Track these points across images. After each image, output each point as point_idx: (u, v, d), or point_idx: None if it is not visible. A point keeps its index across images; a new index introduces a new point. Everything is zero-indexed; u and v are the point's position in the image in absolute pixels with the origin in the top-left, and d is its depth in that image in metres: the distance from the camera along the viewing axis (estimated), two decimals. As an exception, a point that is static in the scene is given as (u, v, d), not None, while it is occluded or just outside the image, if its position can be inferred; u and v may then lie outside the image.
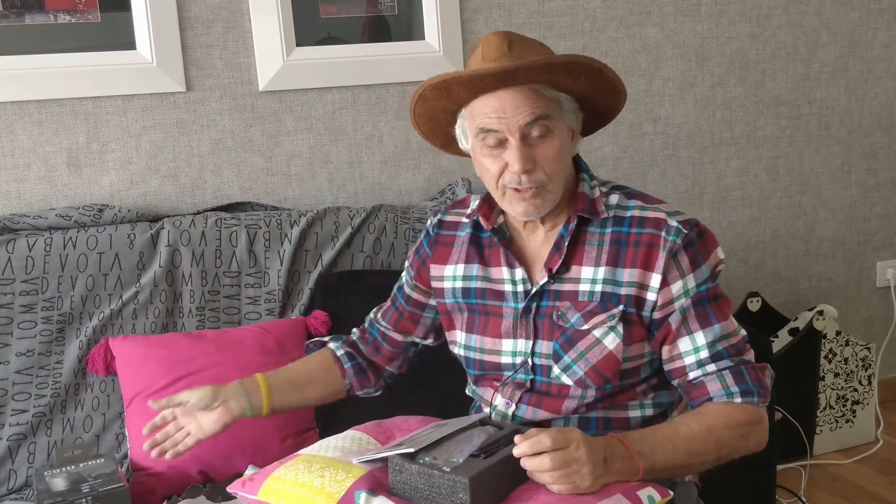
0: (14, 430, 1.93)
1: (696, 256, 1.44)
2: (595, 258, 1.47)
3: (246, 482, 1.41)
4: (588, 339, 1.45)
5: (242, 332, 2.02)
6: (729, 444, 1.41)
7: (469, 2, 2.45)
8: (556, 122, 1.41)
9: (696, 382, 1.44)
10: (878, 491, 2.63)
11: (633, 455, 1.32)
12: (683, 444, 1.37)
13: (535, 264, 1.52)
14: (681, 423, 1.40)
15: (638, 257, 1.44)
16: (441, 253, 1.63)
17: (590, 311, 1.45)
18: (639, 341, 1.46)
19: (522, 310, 1.50)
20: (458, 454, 1.30)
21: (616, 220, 1.48)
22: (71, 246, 1.99)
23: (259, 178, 2.33)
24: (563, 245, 1.47)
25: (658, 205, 1.49)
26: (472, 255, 1.58)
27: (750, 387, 1.42)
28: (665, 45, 2.68)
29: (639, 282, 1.44)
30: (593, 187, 1.51)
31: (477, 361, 1.57)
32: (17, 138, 2.12)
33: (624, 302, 1.44)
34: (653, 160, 2.73)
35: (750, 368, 1.44)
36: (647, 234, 1.45)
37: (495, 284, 1.54)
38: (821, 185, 2.97)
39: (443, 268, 1.62)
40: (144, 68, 2.17)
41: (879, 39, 2.95)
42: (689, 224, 1.45)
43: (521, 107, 1.38)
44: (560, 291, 1.48)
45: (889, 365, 3.16)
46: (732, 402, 1.41)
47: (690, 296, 1.44)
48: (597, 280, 1.46)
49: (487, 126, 1.40)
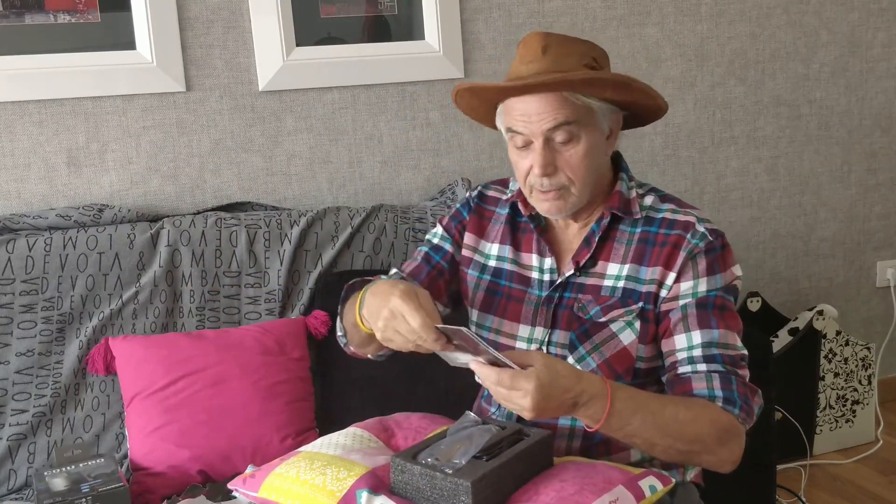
0: (14, 430, 1.93)
1: (713, 264, 1.46)
2: (622, 256, 1.49)
3: (247, 479, 1.41)
4: (604, 333, 1.47)
5: (242, 332, 2.01)
6: (703, 442, 1.37)
7: (469, 2, 2.45)
8: (582, 127, 1.43)
9: (684, 377, 1.43)
10: (878, 491, 2.63)
11: (605, 412, 1.29)
12: (662, 422, 1.34)
13: (565, 256, 1.55)
14: (670, 402, 1.38)
15: (662, 257, 1.47)
16: (479, 224, 1.64)
17: (610, 305, 1.48)
18: (654, 341, 1.48)
19: (545, 298, 1.52)
20: (461, 455, 1.30)
21: (647, 221, 1.51)
22: (71, 246, 1.99)
23: (259, 178, 2.33)
24: (594, 240, 1.50)
25: (690, 210, 1.51)
26: (507, 236, 1.60)
27: (734, 396, 1.40)
28: (665, 45, 2.68)
29: (658, 279, 1.46)
30: (630, 188, 1.53)
31: (490, 342, 1.58)
32: (17, 138, 2.12)
33: (644, 299, 1.46)
34: (653, 160, 2.73)
35: (740, 382, 1.42)
36: (674, 235, 1.47)
37: (524, 270, 1.57)
38: (821, 185, 2.97)
39: (478, 240, 1.63)
40: (144, 68, 2.17)
41: (879, 39, 2.95)
42: (716, 233, 1.47)
43: (544, 113, 1.40)
44: (584, 284, 1.51)
45: (889, 365, 3.16)
46: (715, 405, 1.39)
47: (696, 297, 1.45)
48: (621, 276, 1.48)
49: (514, 128, 1.45)
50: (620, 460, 1.48)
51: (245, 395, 1.92)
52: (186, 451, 1.86)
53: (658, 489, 1.33)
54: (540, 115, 1.41)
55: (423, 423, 1.55)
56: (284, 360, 1.99)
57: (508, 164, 2.02)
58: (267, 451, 1.87)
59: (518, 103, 1.43)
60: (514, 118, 1.44)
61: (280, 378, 1.96)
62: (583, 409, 1.29)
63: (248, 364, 1.94)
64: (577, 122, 1.42)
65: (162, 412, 1.88)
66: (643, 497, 1.30)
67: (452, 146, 2.50)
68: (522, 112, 1.42)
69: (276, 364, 1.97)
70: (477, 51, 2.48)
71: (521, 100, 1.42)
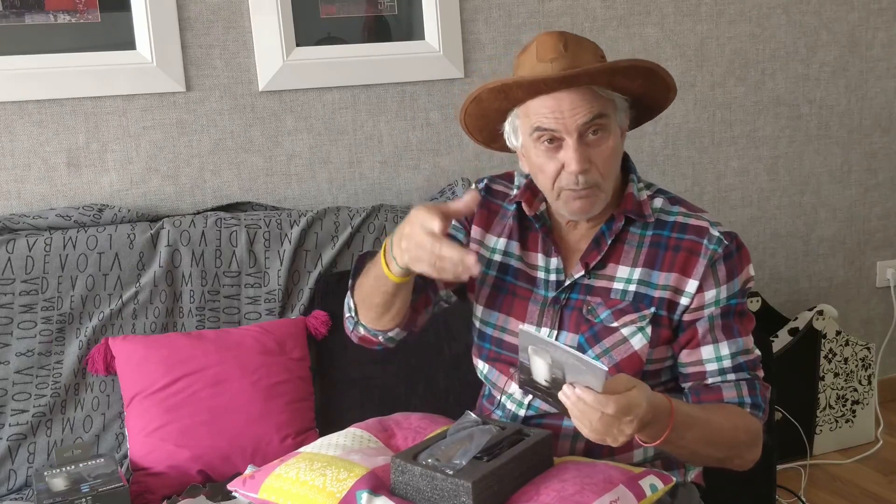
0: (14, 430, 1.93)
1: (731, 269, 1.46)
2: (633, 259, 1.48)
3: (247, 480, 1.41)
4: (615, 337, 1.46)
5: (242, 332, 2.01)
6: (738, 448, 1.42)
7: (469, 2, 2.45)
8: (610, 121, 1.43)
9: (713, 387, 1.45)
10: (878, 491, 2.63)
11: (668, 427, 1.28)
12: (710, 435, 1.37)
13: (571, 256, 1.53)
14: (713, 413, 1.40)
15: (676, 262, 1.46)
16: (486, 218, 1.61)
17: (621, 309, 1.46)
18: (664, 344, 1.48)
19: (552, 299, 1.51)
20: (461, 456, 1.30)
21: (658, 224, 1.50)
22: (71, 246, 1.99)
23: (259, 178, 2.33)
24: (605, 242, 1.49)
25: (701, 213, 1.51)
26: (515, 232, 1.58)
27: (759, 401, 1.45)
28: (665, 45, 2.68)
29: (674, 286, 1.45)
30: (640, 190, 1.53)
31: (494, 338, 1.57)
32: (17, 138, 2.12)
33: (656, 305, 1.46)
34: (653, 160, 2.73)
35: (762, 384, 1.47)
36: (688, 240, 1.47)
37: (529, 268, 1.56)
38: (821, 185, 2.97)
39: (484, 233, 1.61)
40: (144, 68, 2.17)
41: (879, 39, 2.95)
42: (730, 236, 1.48)
43: (578, 107, 1.38)
44: (593, 287, 1.49)
45: (889, 365, 3.16)
46: (746, 412, 1.43)
47: (720, 306, 1.46)
48: (631, 280, 1.47)
49: (544, 125, 1.40)
50: (623, 460, 1.48)
51: (245, 395, 1.92)
52: (186, 451, 1.86)
53: (659, 488, 1.33)
54: (573, 111, 1.38)
55: (423, 423, 1.55)
56: (284, 360, 1.99)
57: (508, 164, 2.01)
58: (267, 451, 1.87)
59: (548, 100, 1.39)
60: (542, 116, 1.40)
61: (280, 378, 1.96)
62: (648, 427, 1.27)
63: (248, 364, 1.94)
64: (606, 115, 1.41)
65: (162, 412, 1.88)
66: (644, 496, 1.31)
67: (452, 146, 2.50)
68: (553, 108, 1.39)
69: (276, 364, 1.97)
70: (477, 51, 2.48)
71: (551, 96, 1.39)
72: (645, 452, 1.51)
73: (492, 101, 1.46)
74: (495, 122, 1.51)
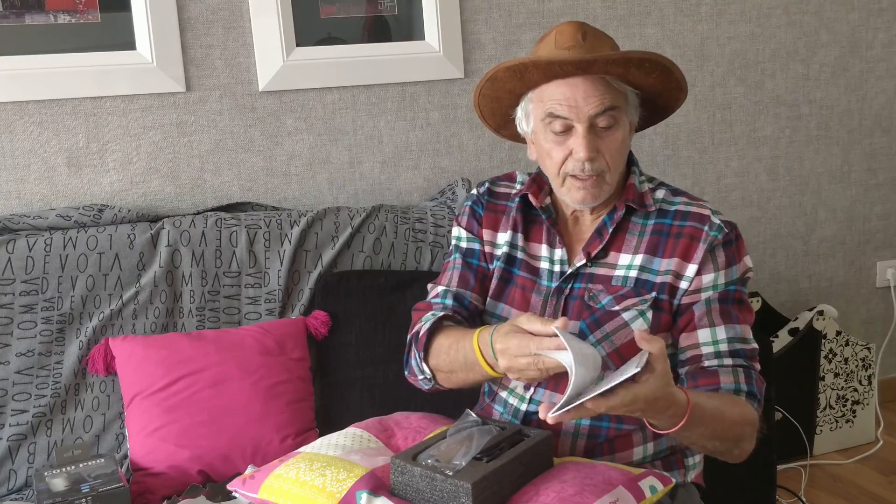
0: (14, 430, 1.93)
1: (730, 256, 1.48)
2: (634, 246, 1.50)
3: (247, 480, 1.41)
4: (616, 322, 1.48)
5: (242, 332, 2.01)
6: (742, 439, 1.43)
7: (469, 2, 2.45)
8: (621, 113, 1.45)
9: (710, 370, 1.45)
10: (878, 491, 2.63)
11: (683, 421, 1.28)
12: (720, 427, 1.38)
13: (575, 247, 1.56)
14: (727, 404, 1.40)
15: (678, 248, 1.48)
16: (493, 219, 1.64)
17: (622, 294, 1.48)
18: (664, 330, 1.49)
19: (555, 289, 1.53)
20: (461, 456, 1.30)
21: (660, 213, 1.52)
22: (71, 246, 1.99)
23: (259, 178, 2.33)
24: (606, 231, 1.51)
25: (702, 202, 1.54)
26: (519, 224, 1.60)
27: (755, 391, 1.45)
28: (665, 45, 2.68)
29: (675, 271, 1.47)
30: (641, 181, 1.55)
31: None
32: (17, 138, 2.12)
33: (658, 289, 1.47)
34: (653, 160, 2.73)
35: (758, 376, 1.47)
36: (689, 226, 1.49)
37: (533, 260, 1.58)
38: (821, 185, 2.97)
39: (494, 234, 1.64)
40: (144, 68, 2.17)
41: (879, 39, 2.95)
42: (730, 225, 1.50)
43: (591, 96, 1.41)
44: (594, 275, 1.52)
45: (889, 365, 3.16)
46: (746, 402, 1.43)
47: (718, 291, 1.47)
48: (633, 266, 1.49)
49: (556, 112, 1.43)
50: (623, 459, 1.49)
51: (245, 395, 1.92)
52: (186, 452, 1.86)
53: (658, 489, 1.33)
54: (587, 99, 1.41)
55: (423, 423, 1.55)
56: (284, 361, 1.99)
57: (508, 164, 2.02)
58: (267, 451, 1.87)
59: (562, 87, 1.42)
60: (556, 102, 1.43)
61: (280, 378, 1.96)
62: (666, 420, 1.28)
63: (249, 364, 1.94)
64: (618, 107, 1.44)
65: (162, 412, 1.88)
66: (643, 497, 1.31)
67: (452, 146, 2.50)
68: (567, 96, 1.42)
69: (277, 364, 1.97)
70: (477, 51, 2.48)
71: (565, 82, 1.42)
72: (644, 452, 1.51)
73: (507, 81, 1.47)
74: (508, 105, 1.54)
